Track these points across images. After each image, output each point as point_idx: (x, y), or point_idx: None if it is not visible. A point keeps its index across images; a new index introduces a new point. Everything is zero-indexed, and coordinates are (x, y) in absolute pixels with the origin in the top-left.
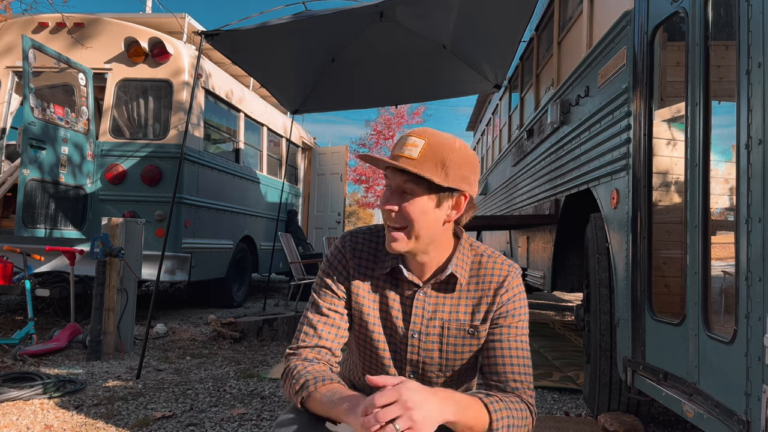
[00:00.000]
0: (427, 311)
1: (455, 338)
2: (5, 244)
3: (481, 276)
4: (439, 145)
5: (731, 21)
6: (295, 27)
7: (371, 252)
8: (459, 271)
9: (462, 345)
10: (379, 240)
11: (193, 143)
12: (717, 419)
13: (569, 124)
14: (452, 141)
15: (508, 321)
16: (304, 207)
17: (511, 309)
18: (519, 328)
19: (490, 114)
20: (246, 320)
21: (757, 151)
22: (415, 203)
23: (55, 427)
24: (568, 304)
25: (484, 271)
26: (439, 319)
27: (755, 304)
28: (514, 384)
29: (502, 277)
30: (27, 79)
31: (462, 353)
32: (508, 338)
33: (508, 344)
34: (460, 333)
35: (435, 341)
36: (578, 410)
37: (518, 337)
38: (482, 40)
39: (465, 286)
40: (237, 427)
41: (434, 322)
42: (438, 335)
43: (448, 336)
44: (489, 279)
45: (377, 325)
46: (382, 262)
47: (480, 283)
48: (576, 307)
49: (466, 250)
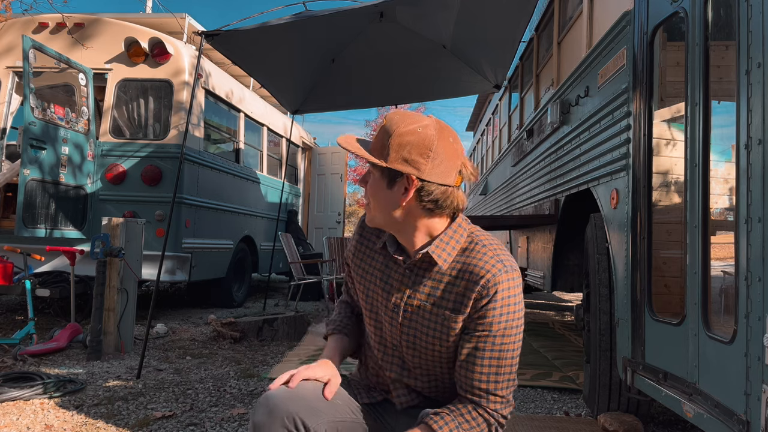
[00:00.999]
0: (406, 287)
1: (426, 319)
2: (5, 244)
3: (465, 265)
4: (386, 129)
5: (731, 21)
6: (295, 27)
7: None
8: (438, 252)
9: (429, 327)
10: None
11: (193, 143)
12: (717, 419)
13: (569, 124)
14: (403, 125)
15: (487, 329)
16: (304, 207)
17: (491, 316)
18: (502, 336)
19: (490, 114)
20: (246, 320)
21: (756, 151)
22: (370, 183)
23: (55, 426)
24: (568, 304)
25: (468, 261)
26: (416, 298)
27: (755, 304)
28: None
29: (485, 271)
30: (27, 79)
31: (430, 336)
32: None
33: (483, 353)
34: (431, 315)
35: (408, 317)
36: (578, 410)
37: (499, 346)
38: (482, 40)
39: (446, 271)
40: (237, 427)
41: (411, 300)
42: (411, 312)
43: (420, 315)
44: (470, 270)
45: (372, 294)
46: (379, 238)
47: (461, 272)
48: (576, 307)
49: (458, 235)
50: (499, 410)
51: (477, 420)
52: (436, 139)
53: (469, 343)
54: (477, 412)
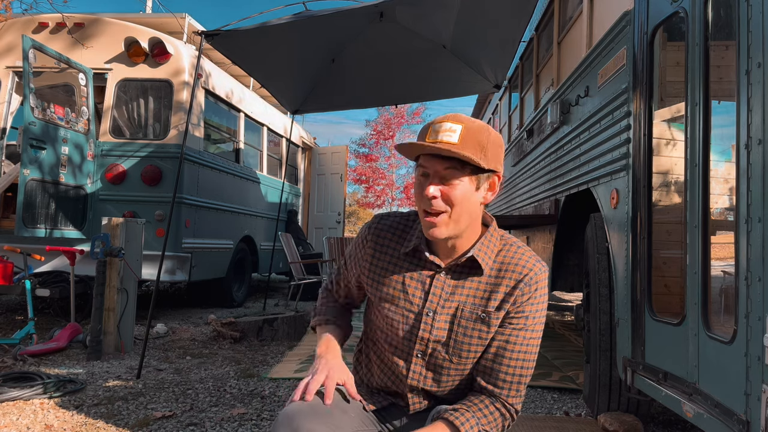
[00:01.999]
0: (446, 292)
1: (467, 321)
2: (5, 244)
3: (505, 264)
4: (476, 129)
5: (731, 21)
6: (295, 27)
7: (396, 231)
8: (482, 257)
9: (472, 329)
10: (408, 222)
11: (193, 143)
12: (717, 419)
13: (569, 124)
14: (484, 125)
15: (521, 322)
16: (304, 207)
17: (528, 311)
18: (532, 331)
19: (490, 114)
20: (246, 320)
21: (756, 151)
22: (457, 187)
23: (55, 426)
24: (568, 304)
25: (509, 260)
26: (456, 301)
27: (755, 304)
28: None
29: (527, 270)
30: (27, 79)
31: (471, 337)
32: (516, 340)
33: (513, 346)
34: (472, 317)
35: (447, 320)
36: (578, 410)
37: (528, 340)
38: (482, 40)
39: (487, 272)
40: (237, 427)
41: (450, 303)
42: (451, 315)
43: (460, 318)
44: (512, 269)
45: (394, 302)
46: (407, 241)
47: (502, 271)
48: (576, 307)
49: (495, 238)
50: (515, 404)
51: (494, 414)
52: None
53: (502, 336)
54: (494, 405)
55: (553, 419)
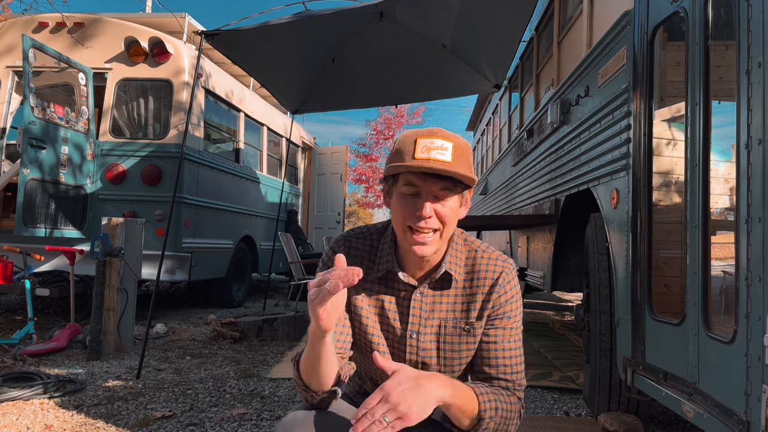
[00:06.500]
0: (425, 311)
1: (452, 336)
2: (5, 244)
3: (476, 273)
4: (462, 146)
5: (731, 21)
6: (295, 27)
7: (365, 255)
8: (454, 268)
9: (459, 343)
10: (372, 243)
11: (193, 143)
12: (717, 419)
13: (569, 124)
14: (463, 139)
15: (504, 322)
16: (304, 207)
17: (508, 310)
18: (514, 328)
19: (490, 114)
20: (246, 320)
21: (757, 151)
22: (449, 206)
23: (55, 426)
24: (568, 304)
25: (478, 268)
26: (437, 318)
27: (755, 303)
28: (505, 383)
29: (497, 273)
30: (27, 79)
31: (459, 351)
32: (503, 339)
33: (502, 345)
34: (456, 331)
35: (432, 340)
36: (578, 410)
37: (512, 336)
38: (482, 40)
39: (461, 284)
40: (237, 427)
41: (431, 321)
42: (435, 334)
43: (445, 334)
44: (484, 275)
45: (375, 328)
46: (376, 265)
47: (475, 280)
48: (576, 307)
49: (460, 246)
50: (522, 398)
51: (511, 398)
52: None
53: (487, 338)
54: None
55: (553, 419)
